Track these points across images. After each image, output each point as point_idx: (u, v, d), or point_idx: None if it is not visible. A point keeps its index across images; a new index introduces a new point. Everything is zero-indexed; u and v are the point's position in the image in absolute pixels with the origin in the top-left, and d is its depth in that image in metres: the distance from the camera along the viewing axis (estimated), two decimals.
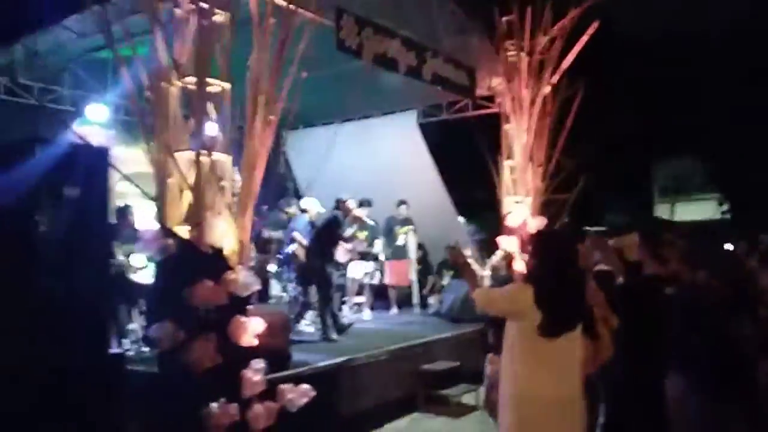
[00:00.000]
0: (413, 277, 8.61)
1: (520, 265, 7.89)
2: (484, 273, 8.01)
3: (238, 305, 4.21)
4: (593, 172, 8.68)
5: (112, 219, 5.88)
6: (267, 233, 7.61)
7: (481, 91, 7.97)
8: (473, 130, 8.73)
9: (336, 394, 5.04)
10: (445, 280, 9.27)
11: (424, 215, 9.00)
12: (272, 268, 7.81)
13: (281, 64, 4.59)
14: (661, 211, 25.68)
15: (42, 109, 8.01)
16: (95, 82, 8.30)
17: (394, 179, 9.09)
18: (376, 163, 9.21)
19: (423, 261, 9.32)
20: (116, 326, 5.82)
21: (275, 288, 8.10)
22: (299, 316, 6.63)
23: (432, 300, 8.95)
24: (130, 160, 5.91)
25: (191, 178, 4.20)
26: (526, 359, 2.97)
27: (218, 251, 4.19)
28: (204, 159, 4.19)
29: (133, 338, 5.98)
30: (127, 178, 4.37)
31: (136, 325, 6.12)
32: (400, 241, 8.41)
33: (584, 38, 7.61)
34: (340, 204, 6.89)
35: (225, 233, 4.26)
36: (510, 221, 7.92)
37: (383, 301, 8.59)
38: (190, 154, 4.25)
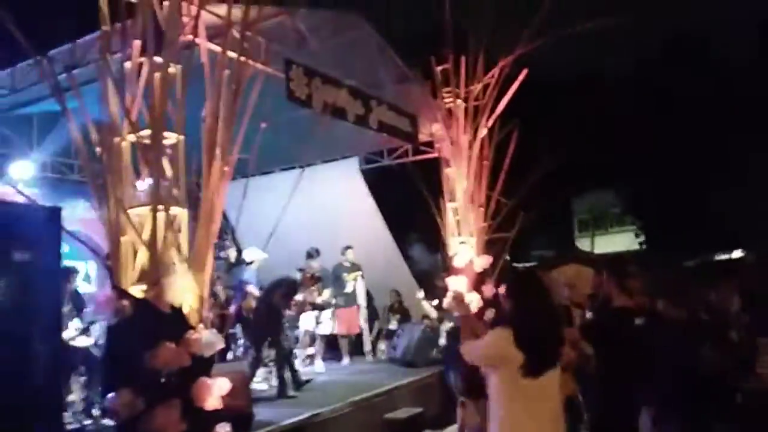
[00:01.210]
0: (363, 324, 8.51)
1: (472, 304, 8.00)
2: (434, 315, 8.05)
3: (202, 366, 4.00)
4: (529, 210, 9.01)
5: None
6: (220, 288, 7.33)
7: (422, 137, 8.17)
8: (414, 175, 8.90)
9: None
10: (392, 325, 9.23)
11: (369, 260, 8.99)
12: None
13: (234, 115, 4.54)
14: (582, 244, 26.94)
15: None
16: (20, 138, 7.90)
17: (338, 226, 9.08)
18: (318, 210, 9.16)
19: (369, 306, 9.26)
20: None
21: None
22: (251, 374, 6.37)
23: (383, 346, 8.85)
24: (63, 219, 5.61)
25: (146, 235, 4.01)
26: (511, 404, 2.99)
27: (178, 310, 3.99)
28: (160, 214, 4.02)
29: (74, 410, 5.53)
30: (77, 238, 4.12)
31: (75, 395, 5.68)
32: (348, 288, 8.33)
33: (515, 85, 8.01)
34: (303, 273, 6.79)
35: (183, 291, 4.07)
36: (457, 261, 8.04)
37: (333, 351, 8.42)
38: (144, 210, 4.07)
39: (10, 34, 3.84)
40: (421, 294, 7.97)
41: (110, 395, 3.79)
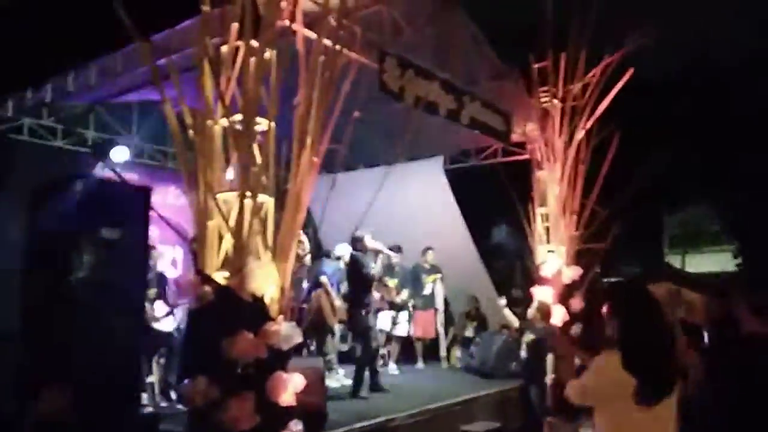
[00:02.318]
0: (440, 328, 8.23)
1: (557, 317, 7.56)
2: (516, 325, 7.65)
3: (279, 360, 3.88)
4: (625, 221, 8.44)
5: None
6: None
7: (514, 136, 7.79)
8: (502, 177, 8.53)
9: None
10: (468, 332, 8.89)
11: (447, 263, 8.70)
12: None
13: (327, 104, 4.40)
14: (671, 262, 25.29)
15: (64, 152, 7.83)
16: (120, 124, 8.19)
17: (418, 226, 8.83)
18: (400, 209, 8.95)
19: (445, 311, 8.97)
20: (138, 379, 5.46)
21: None
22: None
23: (458, 353, 8.54)
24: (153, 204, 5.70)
25: (232, 221, 3.93)
26: None
27: (259, 300, 3.89)
28: (247, 201, 3.93)
29: (152, 392, 5.60)
30: (164, 220, 4.11)
31: (155, 377, 5.75)
32: (427, 290, 8.08)
33: (619, 85, 7.49)
34: (356, 243, 6.54)
35: (265, 280, 3.96)
36: (545, 271, 7.62)
37: (406, 354, 8.19)
38: (232, 196, 4.00)
39: (116, 17, 3.87)
40: (503, 302, 7.58)
41: (186, 381, 3.74)
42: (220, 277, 3.93)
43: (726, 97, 15.25)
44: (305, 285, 6.94)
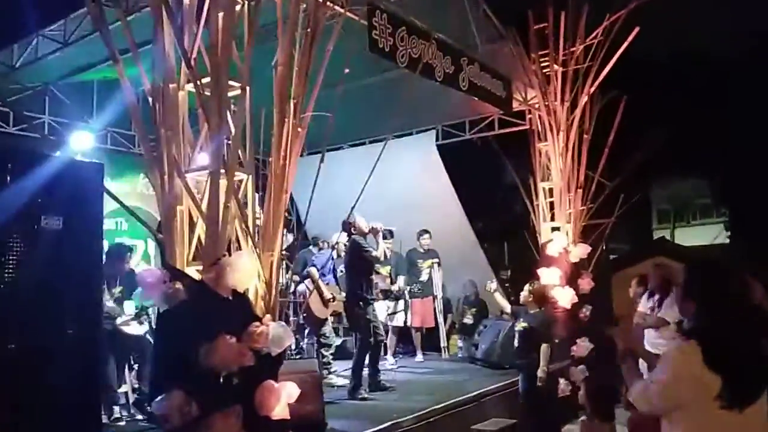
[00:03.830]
0: (439, 316, 7.66)
1: (563, 300, 7.04)
2: (508, 310, 7.06)
3: (268, 366, 3.26)
4: (635, 193, 7.94)
5: None
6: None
7: (514, 104, 7.19)
8: (498, 151, 7.97)
9: None
10: (468, 319, 8.33)
11: (442, 247, 8.11)
12: None
13: (309, 65, 3.76)
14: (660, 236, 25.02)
15: (19, 139, 7.07)
16: (78, 108, 7.45)
17: (410, 208, 8.23)
18: (389, 190, 8.33)
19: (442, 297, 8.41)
20: (105, 389, 4.81)
21: None
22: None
23: (460, 342, 7.98)
24: (119, 195, 5.00)
25: (205, 205, 3.29)
26: None
27: (241, 297, 3.26)
28: (222, 180, 3.29)
29: (126, 404, 4.96)
30: (122, 205, 3.46)
31: (127, 386, 5.11)
32: (424, 276, 7.49)
33: (624, 46, 6.92)
34: (349, 227, 5.91)
35: (248, 273, 3.33)
36: (550, 250, 7.08)
37: (404, 345, 7.62)
38: (203, 175, 3.36)
39: None
40: (494, 285, 6.98)
41: (159, 397, 3.11)
42: (193, 271, 3.30)
43: (721, 69, 14.84)
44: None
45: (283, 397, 3.25)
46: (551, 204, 7.36)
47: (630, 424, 3.73)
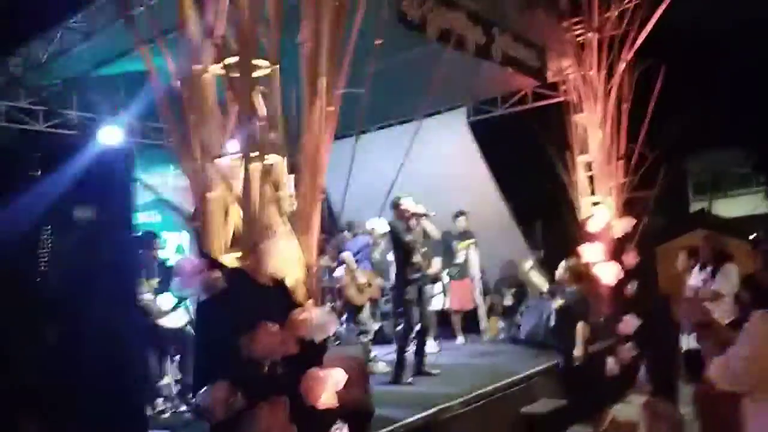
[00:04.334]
0: (478, 298, 7.48)
1: (607, 277, 6.80)
2: (544, 288, 6.83)
3: (313, 354, 3.15)
4: (673, 164, 7.62)
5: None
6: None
7: (549, 74, 6.92)
8: (533, 125, 7.68)
9: None
10: (507, 300, 8.12)
11: (478, 227, 7.90)
12: None
13: (338, 39, 3.59)
14: (696, 209, 24.27)
15: (47, 136, 7.06)
16: (106, 102, 7.40)
17: (443, 189, 8.00)
18: (420, 172, 8.12)
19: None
20: (149, 383, 4.79)
21: None
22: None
23: (501, 324, 7.79)
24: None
25: (239, 190, 3.17)
26: None
27: (281, 283, 3.15)
28: (254, 163, 3.16)
29: (170, 396, 4.93)
30: (150, 189, 3.36)
31: (169, 378, 5.08)
32: (460, 258, 7.30)
33: (661, 9, 6.57)
34: (395, 207, 5.74)
35: (287, 258, 3.21)
36: (592, 226, 6.83)
37: (444, 329, 7.45)
38: (235, 159, 3.23)
39: None
40: (529, 264, 6.75)
41: (202, 390, 3.02)
42: (231, 258, 3.19)
43: (761, 34, 14.13)
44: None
45: (329, 384, 3.13)
46: (590, 178, 7.09)
47: (698, 401, 3.52)
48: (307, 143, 3.42)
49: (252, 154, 3.15)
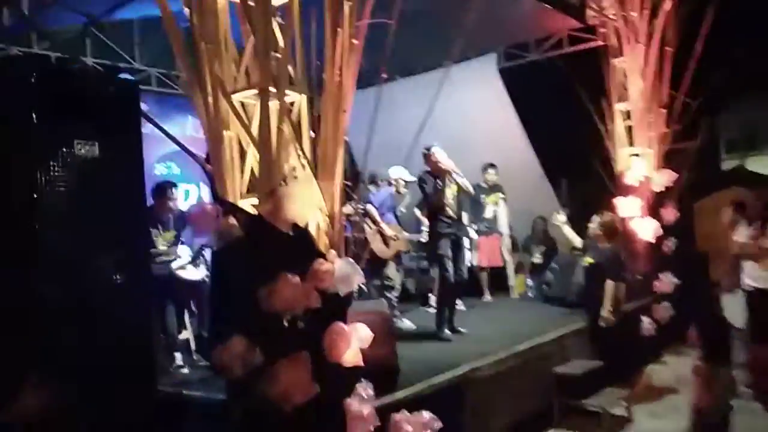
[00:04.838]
0: (507, 255, 7.19)
1: (645, 233, 6.45)
2: (578, 243, 6.48)
3: (336, 308, 2.92)
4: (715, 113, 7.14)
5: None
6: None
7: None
8: (568, 72, 7.24)
9: (461, 416, 3.73)
10: (536, 258, 7.83)
11: (507, 180, 7.55)
12: None
13: None
14: (729, 167, 23.44)
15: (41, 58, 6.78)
16: (122, 48, 7.14)
17: (471, 139, 7.64)
18: (447, 122, 7.75)
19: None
20: (165, 337, 4.64)
21: None
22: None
23: (529, 281, 7.52)
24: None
25: (256, 128, 2.89)
26: None
27: (302, 231, 2.89)
28: (273, 99, 2.87)
29: (188, 350, 4.78)
30: (156, 125, 3.09)
31: (188, 333, 4.93)
32: (488, 213, 7.00)
33: None
34: (426, 157, 5.43)
35: (308, 204, 2.94)
36: (629, 178, 6.45)
37: (470, 286, 7.18)
38: (251, 94, 2.95)
39: None
40: (562, 217, 6.36)
41: (218, 346, 2.81)
42: (247, 204, 2.94)
43: None
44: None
45: (354, 341, 2.91)
46: (629, 128, 6.68)
47: (753, 365, 3.24)
48: (329, 79, 3.11)
49: (269, 90, 2.86)
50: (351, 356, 2.89)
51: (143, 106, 7.57)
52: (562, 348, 4.88)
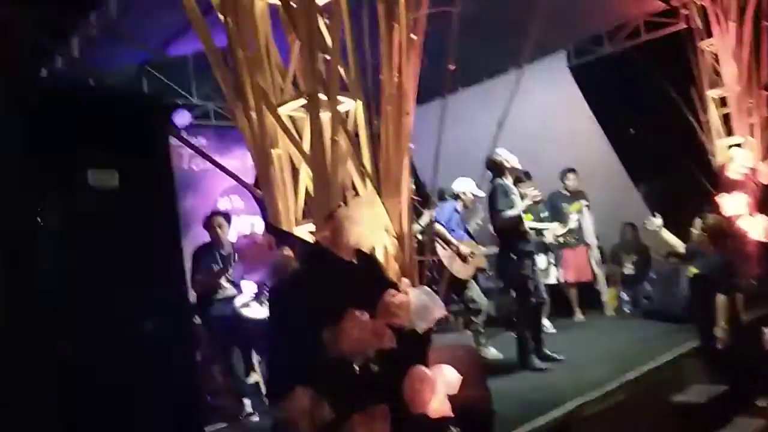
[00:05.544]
0: (596, 268, 6.51)
1: (756, 232, 5.65)
2: (682, 249, 5.70)
3: (414, 348, 2.45)
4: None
5: (203, 234, 4.42)
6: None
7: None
8: (647, 63, 6.57)
9: None
10: (628, 269, 7.08)
11: (588, 186, 6.90)
12: None
13: None
14: None
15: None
16: (177, 84, 7.07)
17: (544, 147, 7.07)
18: (518, 127, 7.20)
19: None
20: (233, 382, 4.30)
21: None
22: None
23: (624, 295, 6.78)
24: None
25: (308, 143, 2.50)
26: None
27: (368, 258, 2.46)
28: (324, 109, 2.48)
29: (257, 395, 4.41)
30: (196, 150, 2.76)
31: (258, 376, 4.56)
32: (572, 223, 6.35)
33: None
34: (493, 165, 4.90)
35: (373, 226, 2.51)
36: (732, 172, 5.68)
37: (558, 305, 6.53)
38: (300, 105, 2.56)
39: None
40: (659, 221, 5.61)
41: (280, 400, 2.40)
42: (304, 231, 2.54)
43: None
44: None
45: (439, 386, 2.42)
46: (725, 116, 5.93)
47: None
48: (386, 81, 2.69)
49: (319, 97, 2.47)
50: (437, 405, 2.40)
51: (202, 141, 7.59)
52: (677, 372, 4.19)
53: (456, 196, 5.36)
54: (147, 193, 1.94)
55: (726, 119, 5.91)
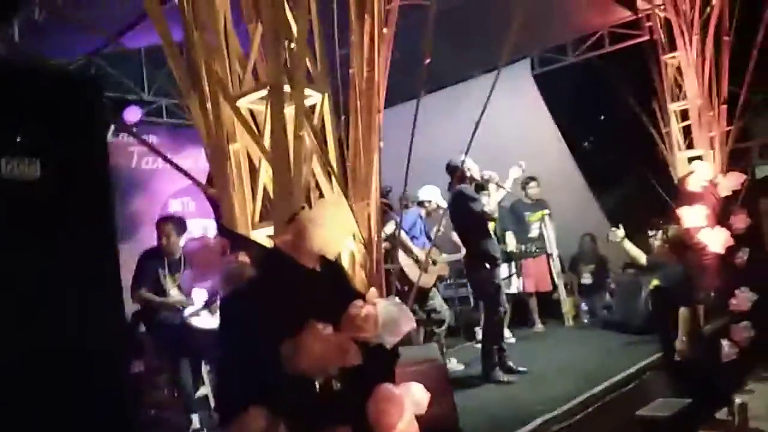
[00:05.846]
0: (557, 278, 6.47)
1: (715, 244, 5.69)
2: (644, 261, 5.72)
3: (381, 364, 2.25)
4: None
5: (151, 238, 4.12)
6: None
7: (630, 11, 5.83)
8: (610, 74, 6.60)
9: None
10: (585, 279, 7.09)
11: (548, 196, 6.88)
12: None
13: None
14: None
15: None
16: (127, 78, 6.71)
17: (505, 155, 7.00)
18: (478, 135, 7.14)
19: None
20: (183, 395, 4.02)
21: None
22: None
23: (584, 305, 6.76)
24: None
25: (268, 138, 2.28)
26: None
27: (333, 265, 2.25)
28: (288, 101, 2.26)
29: (207, 410, 4.13)
30: (145, 143, 2.50)
31: (207, 389, 4.29)
32: (533, 232, 6.30)
33: None
34: (455, 174, 4.76)
35: (339, 230, 2.30)
36: (692, 184, 5.71)
37: (518, 315, 6.46)
38: (260, 97, 2.34)
39: None
40: (621, 232, 5.61)
41: (230, 420, 2.15)
42: (262, 235, 2.31)
43: None
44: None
45: (407, 406, 2.22)
46: (686, 129, 5.98)
47: None
48: (357, 73, 2.50)
49: (283, 89, 2.25)
50: (405, 426, 2.20)
51: (153, 139, 7.23)
52: (641, 386, 4.13)
53: (420, 203, 5.21)
54: (76, 186, 1.69)
55: (687, 132, 5.97)
